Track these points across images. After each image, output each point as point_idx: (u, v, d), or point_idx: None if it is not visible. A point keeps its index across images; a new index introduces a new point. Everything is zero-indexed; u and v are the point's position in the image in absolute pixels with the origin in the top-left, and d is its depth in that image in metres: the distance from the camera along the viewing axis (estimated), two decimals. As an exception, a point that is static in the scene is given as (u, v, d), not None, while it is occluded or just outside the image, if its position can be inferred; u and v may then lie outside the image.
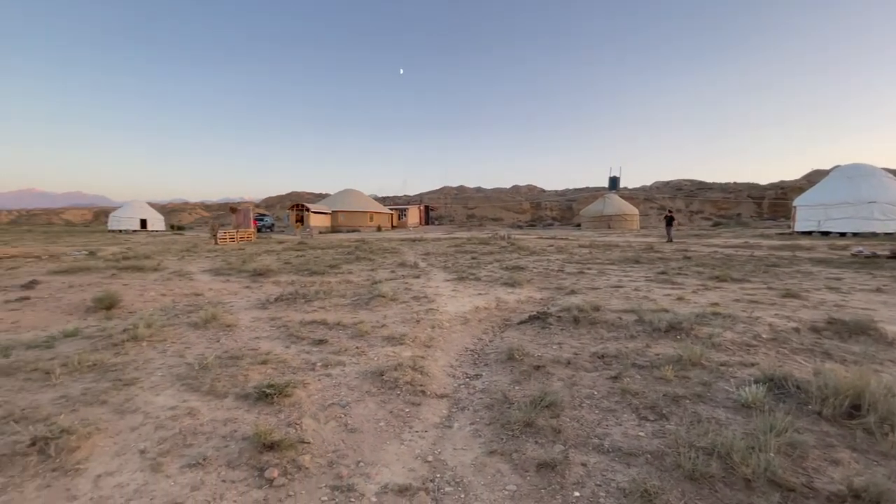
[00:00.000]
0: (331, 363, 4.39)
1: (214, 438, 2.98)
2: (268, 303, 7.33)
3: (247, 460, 2.71)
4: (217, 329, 5.59)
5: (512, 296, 8.21)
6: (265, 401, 3.46)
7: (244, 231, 29.55)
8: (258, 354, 4.55)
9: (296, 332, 5.40)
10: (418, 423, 3.36)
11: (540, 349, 4.93)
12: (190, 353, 4.66)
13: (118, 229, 47.49)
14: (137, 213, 49.60)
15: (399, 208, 55.30)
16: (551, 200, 64.83)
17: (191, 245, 22.36)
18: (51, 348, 4.99)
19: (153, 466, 2.66)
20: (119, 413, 3.30)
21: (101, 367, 4.24)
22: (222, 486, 2.50)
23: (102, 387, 3.77)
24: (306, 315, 6.34)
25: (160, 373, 4.12)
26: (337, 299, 7.49)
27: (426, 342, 5.22)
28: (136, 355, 4.60)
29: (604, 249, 17.74)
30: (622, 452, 2.81)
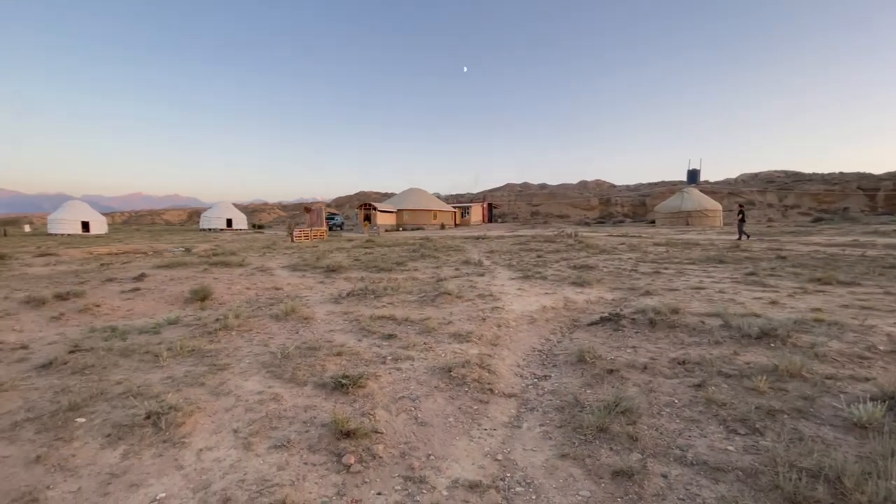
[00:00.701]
0: (400, 357, 4.54)
1: (296, 423, 3.21)
2: (340, 298, 7.74)
3: (326, 446, 2.90)
4: (296, 321, 6.01)
5: (581, 296, 7.93)
6: (341, 390, 3.66)
7: (317, 229, 31.40)
8: (333, 346, 4.82)
9: (367, 327, 5.65)
10: (487, 421, 3.37)
11: (612, 352, 4.73)
12: (273, 343, 5.06)
13: (208, 228, 52.66)
14: (224, 213, 54.62)
15: (462, 206, 55.62)
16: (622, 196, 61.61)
17: (270, 243, 24.21)
18: (158, 334, 5.67)
19: (245, 445, 2.93)
20: (215, 395, 3.67)
21: (198, 353, 4.74)
22: (304, 468, 2.68)
23: (200, 370, 4.22)
24: (376, 310, 6.60)
25: (248, 360, 4.52)
26: (404, 295, 7.71)
27: (492, 341, 5.21)
28: (227, 343, 5.08)
29: (682, 248, 16.55)
30: (708, 466, 2.62)
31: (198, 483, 2.54)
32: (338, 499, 2.42)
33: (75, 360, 4.56)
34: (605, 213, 59.14)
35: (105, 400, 3.57)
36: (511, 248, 17.96)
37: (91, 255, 17.66)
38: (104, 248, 21.30)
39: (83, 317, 6.99)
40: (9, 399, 3.65)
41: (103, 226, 45.25)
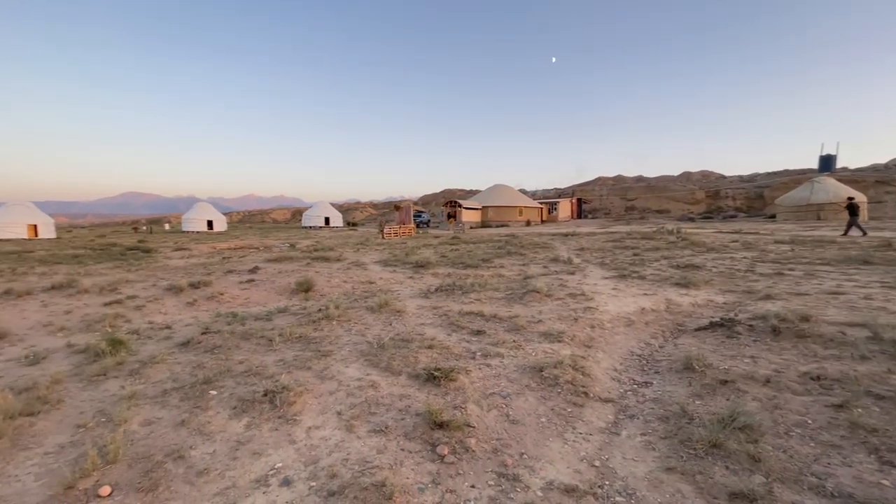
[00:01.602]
0: (490, 354, 4.56)
1: (393, 411, 3.39)
2: (429, 293, 7.99)
3: (420, 434, 3.02)
4: (389, 314, 6.34)
5: (685, 298, 7.27)
6: (433, 382, 3.79)
7: (406, 227, 32.78)
8: (424, 339, 5.00)
9: (455, 322, 5.77)
10: (581, 425, 3.25)
11: (726, 361, 4.26)
12: (369, 333, 5.39)
13: (309, 226, 57.67)
14: (322, 212, 59.36)
15: (549, 202, 54.05)
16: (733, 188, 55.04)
17: (363, 239, 25.81)
18: (270, 321, 6.35)
19: (347, 427, 3.16)
20: (320, 378, 4.02)
21: (304, 339, 5.22)
22: (401, 453, 2.82)
23: (307, 355, 4.64)
24: (464, 306, 6.71)
25: (348, 348, 4.87)
26: (491, 292, 7.73)
27: (586, 342, 5.00)
28: (329, 332, 5.52)
29: (812, 246, 14.34)
30: (855, 501, 2.25)
31: (308, 458, 2.81)
32: (433, 487, 2.51)
33: (206, 340, 5.30)
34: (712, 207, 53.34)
35: (231, 377, 4.09)
36: (604, 245, 17.05)
37: (214, 250, 20.35)
38: (224, 243, 24.38)
39: (210, 303, 8.09)
40: (159, 370, 4.36)
41: (224, 224, 51.86)
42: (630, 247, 15.71)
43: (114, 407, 3.50)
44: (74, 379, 4.20)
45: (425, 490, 2.48)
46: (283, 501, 2.39)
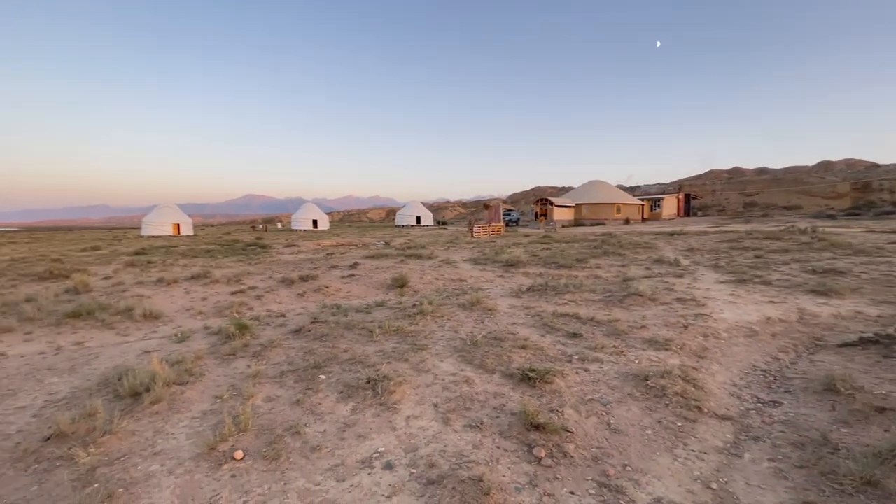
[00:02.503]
0: (587, 358, 4.39)
1: (487, 408, 3.42)
2: (520, 292, 7.91)
3: (516, 434, 3.01)
4: (480, 312, 6.40)
5: (825, 308, 6.27)
6: (527, 383, 3.75)
7: (495, 225, 32.78)
8: (517, 339, 4.97)
9: (549, 323, 5.64)
10: (694, 442, 2.98)
11: (881, 385, 3.59)
12: (462, 330, 5.50)
13: (402, 224, 60.44)
14: (414, 211, 61.82)
15: (651, 198, 50.11)
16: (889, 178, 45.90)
17: (453, 238, 26.36)
18: (369, 314, 6.78)
19: (444, 420, 3.27)
20: (417, 371, 4.20)
21: (401, 333, 5.49)
22: (497, 451, 2.85)
23: (404, 348, 4.88)
24: (558, 307, 6.52)
25: (441, 343, 5.02)
26: (587, 294, 7.41)
27: (698, 352, 4.57)
28: (424, 326, 5.74)
29: None
30: None
31: (408, 445, 2.96)
32: (530, 488, 2.49)
33: (315, 329, 5.83)
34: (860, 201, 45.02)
35: (337, 363, 4.46)
36: (717, 245, 15.36)
37: (319, 247, 22.27)
38: (327, 241, 26.56)
39: (317, 295, 8.88)
40: (276, 354, 4.90)
41: (326, 223, 56.55)
42: (751, 248, 13.96)
43: (242, 383, 4.02)
44: (211, 357, 4.89)
45: (522, 490, 2.47)
46: (387, 484, 2.55)
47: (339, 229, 52.71)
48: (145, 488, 2.53)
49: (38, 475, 2.67)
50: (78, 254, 18.24)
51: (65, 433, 3.05)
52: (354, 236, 31.97)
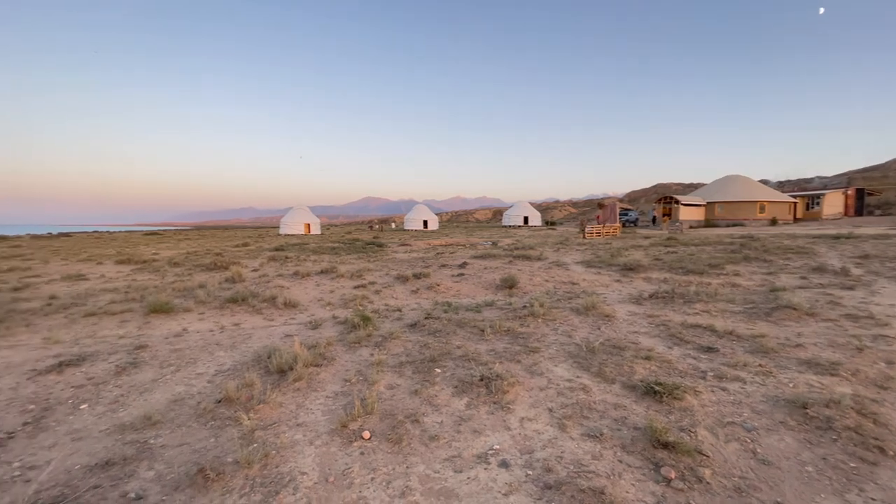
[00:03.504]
0: (726, 376, 3.92)
1: (607, 419, 3.27)
2: (641, 299, 7.35)
3: (640, 450, 2.82)
4: (596, 317, 6.11)
5: None
6: (653, 397, 3.49)
7: (610, 226, 30.89)
8: (640, 349, 4.64)
9: (677, 334, 5.15)
10: (874, 489, 2.48)
11: None
12: (576, 335, 5.32)
13: (508, 225, 60.30)
14: (522, 211, 61.24)
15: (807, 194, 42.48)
16: None
17: (563, 239, 25.51)
18: (479, 312, 6.91)
19: (559, 425, 3.20)
20: (529, 373, 4.18)
21: (512, 333, 5.50)
22: (619, 465, 2.70)
23: (515, 349, 4.88)
24: (687, 317, 5.93)
25: (554, 347, 4.92)
26: (723, 304, 6.60)
27: (879, 381, 3.77)
28: (535, 329, 5.67)
29: None
30: None
31: (523, 446, 2.96)
32: (658, 510, 2.32)
33: (429, 324, 6.12)
34: None
35: (451, 359, 4.64)
36: (903, 252, 12.47)
37: (429, 246, 23.29)
38: (437, 241, 27.65)
39: (429, 293, 9.30)
40: (396, 345, 5.26)
41: (436, 223, 58.90)
42: (957, 256, 11.08)
43: (367, 370, 4.41)
44: (340, 344, 5.44)
45: (649, 511, 2.31)
46: (503, 482, 2.59)
47: (448, 229, 54.44)
48: (292, 453, 2.93)
49: (213, 430, 3.25)
50: (232, 249, 21.64)
51: (231, 398, 3.67)
52: (462, 236, 32.77)
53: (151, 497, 2.48)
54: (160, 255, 18.04)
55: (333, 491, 2.55)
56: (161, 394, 3.96)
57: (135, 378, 4.35)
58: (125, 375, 4.41)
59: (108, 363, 4.74)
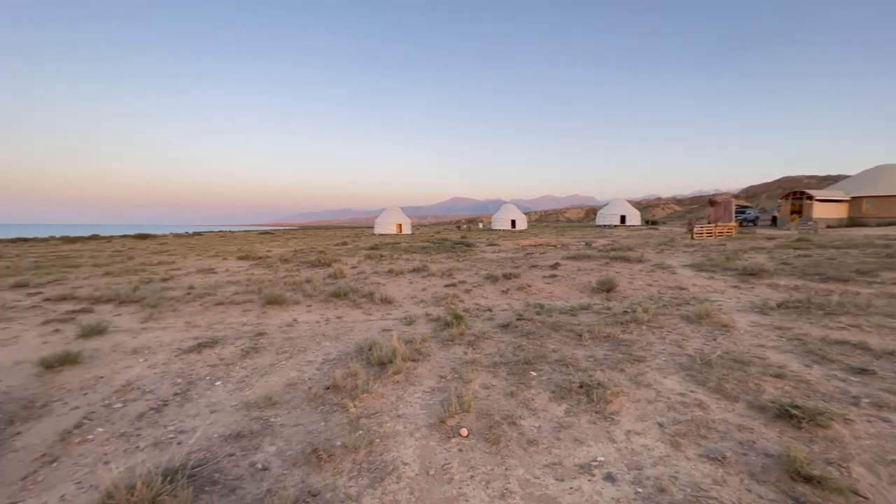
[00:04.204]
0: (887, 405, 3.30)
1: (729, 440, 2.93)
2: (766, 308, 6.50)
3: (775, 481, 2.49)
4: (711, 327, 5.54)
5: None
6: (788, 421, 3.06)
7: (724, 225, 27.83)
8: (768, 365, 4.10)
9: (817, 351, 4.46)
10: None
11: None
12: (688, 346, 4.86)
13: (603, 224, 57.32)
14: (618, 210, 57.81)
15: None
16: None
17: (667, 239, 23.56)
18: (574, 316, 6.64)
19: (672, 443, 2.95)
20: (635, 383, 3.91)
21: (612, 340, 5.20)
22: (748, 495, 2.41)
23: (617, 357, 4.61)
24: (829, 332, 5.11)
25: (663, 357, 4.55)
26: (879, 318, 5.57)
27: None
28: (639, 336, 5.30)
29: None
30: None
31: (630, 461, 2.78)
32: (801, 553, 2.02)
33: (521, 325, 6.03)
34: None
35: (546, 362, 4.52)
36: None
37: (518, 246, 22.99)
38: (526, 241, 27.21)
39: (520, 293, 9.17)
40: (489, 345, 5.26)
41: (524, 223, 58.04)
42: None
43: (462, 368, 4.47)
44: (434, 340, 5.59)
45: (788, 552, 2.03)
46: (609, 496, 2.45)
47: (536, 229, 53.34)
48: (393, 443, 3.07)
49: (323, 414, 3.54)
50: (333, 247, 23.38)
51: (338, 386, 3.96)
52: (552, 236, 31.85)
53: (274, 469, 2.77)
54: (272, 252, 20.12)
55: (434, 484, 2.62)
56: (278, 377, 4.40)
57: (256, 361, 4.89)
58: (248, 359, 4.98)
59: (234, 347, 5.39)
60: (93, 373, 4.55)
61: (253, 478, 2.68)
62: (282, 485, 2.59)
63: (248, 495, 2.50)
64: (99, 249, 24.32)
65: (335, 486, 2.60)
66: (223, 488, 2.55)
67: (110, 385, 4.22)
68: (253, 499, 2.46)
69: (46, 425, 3.43)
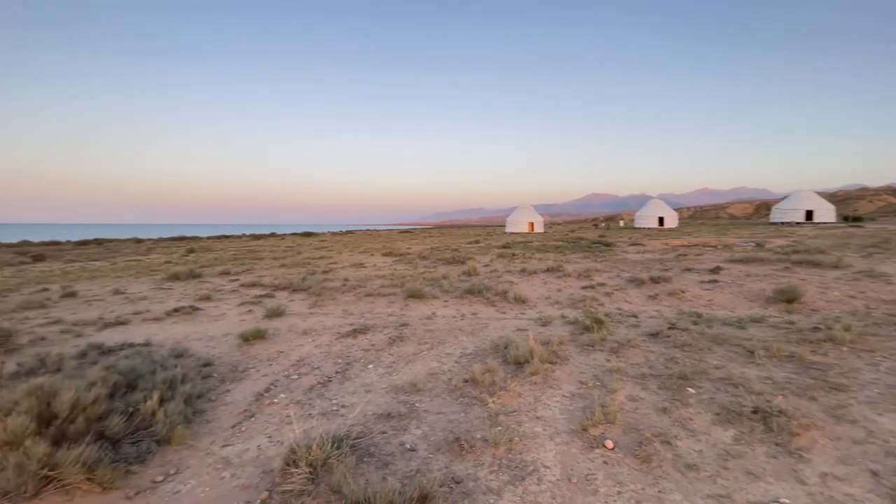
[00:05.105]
0: None
1: None
2: None
3: None
4: (953, 356, 4.27)
5: None
6: None
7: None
8: None
9: None
10: None
11: None
12: (915, 377, 3.83)
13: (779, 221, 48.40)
14: (802, 203, 48.21)
15: None
16: None
17: (879, 240, 18.78)
18: (742, 329, 5.74)
19: (891, 495, 2.35)
20: (833, 417, 3.22)
21: (798, 361, 4.36)
22: None
23: (805, 382, 3.84)
24: None
25: (875, 388, 3.65)
26: None
27: None
28: (837, 359, 4.35)
29: None
30: None
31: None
32: None
33: (674, 335, 5.44)
34: None
35: (708, 380, 4.00)
36: None
37: (668, 247, 20.78)
38: (677, 240, 24.45)
39: (671, 299, 8.28)
40: (634, 354, 4.87)
41: (674, 220, 52.19)
42: None
43: (604, 376, 4.22)
44: (571, 344, 5.38)
45: None
46: (798, 548, 2.07)
47: (691, 227, 47.62)
48: (533, 444, 3.05)
49: (463, 406, 3.68)
50: (466, 245, 24.17)
51: (476, 380, 4.08)
52: (711, 235, 28.02)
53: (421, 452, 2.98)
54: (411, 249, 21.66)
55: (577, 493, 2.52)
56: (420, 366, 4.72)
57: (401, 349, 5.32)
58: (395, 346, 5.45)
59: (383, 334, 5.95)
60: (275, 347, 5.48)
61: (402, 456, 2.92)
62: (428, 467, 2.78)
63: (399, 471, 2.73)
64: (276, 245, 29.16)
65: (476, 476, 2.68)
66: (378, 462, 2.84)
67: (288, 359, 5.03)
68: (403, 475, 2.69)
69: (246, 386, 4.25)
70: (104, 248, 30.18)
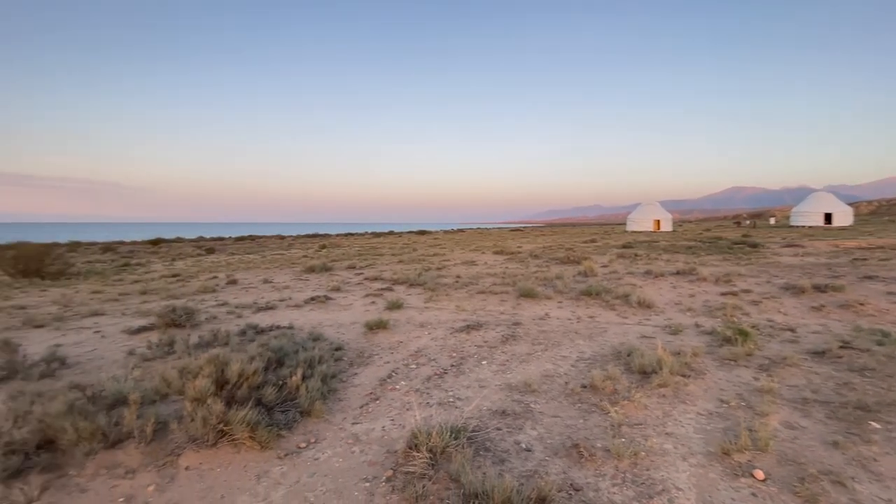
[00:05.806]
0: None
1: None
2: None
3: None
4: None
5: None
6: None
7: None
8: None
9: None
10: None
11: None
12: None
13: None
14: None
15: None
16: None
17: None
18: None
19: None
20: None
21: None
22: None
23: None
24: None
25: None
26: None
27: None
28: None
29: None
30: None
31: None
32: None
33: (849, 356, 4.54)
34: None
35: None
36: None
37: (838, 248, 17.40)
38: (850, 241, 20.36)
39: (844, 313, 6.91)
40: (792, 374, 4.17)
41: (847, 217, 43.49)
42: None
43: (751, 396, 3.69)
44: (708, 356, 4.81)
45: None
46: None
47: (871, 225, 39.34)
48: (663, 461, 2.78)
49: (581, 412, 3.52)
50: (581, 245, 23.09)
51: (596, 386, 3.87)
52: (901, 237, 22.80)
53: (537, 453, 2.92)
54: (523, 248, 21.38)
55: (718, 526, 2.24)
56: (534, 367, 4.63)
57: (514, 348, 5.28)
58: (507, 344, 5.43)
59: (495, 332, 5.97)
60: (396, 337, 5.84)
61: (518, 455, 2.89)
62: (545, 469, 2.71)
63: (515, 469, 2.71)
64: (394, 243, 31.14)
65: (598, 487, 2.54)
66: (494, 457, 2.85)
67: (406, 349, 5.33)
68: (519, 474, 2.66)
69: (371, 371, 4.61)
70: (256, 244, 35.40)
